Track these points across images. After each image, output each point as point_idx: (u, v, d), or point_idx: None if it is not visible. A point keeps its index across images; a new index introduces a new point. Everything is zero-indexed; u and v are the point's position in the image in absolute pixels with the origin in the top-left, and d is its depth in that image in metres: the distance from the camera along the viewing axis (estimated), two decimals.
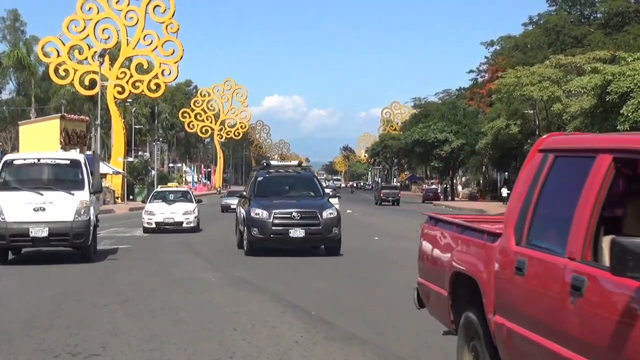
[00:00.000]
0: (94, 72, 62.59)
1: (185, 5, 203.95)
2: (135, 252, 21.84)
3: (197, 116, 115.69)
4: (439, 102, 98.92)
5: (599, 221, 4.77)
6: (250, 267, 17.81)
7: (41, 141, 44.22)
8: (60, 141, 47.52)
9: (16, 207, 17.94)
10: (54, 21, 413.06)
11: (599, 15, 71.05)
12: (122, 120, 72.05)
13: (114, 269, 17.50)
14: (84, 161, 19.58)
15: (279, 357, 8.53)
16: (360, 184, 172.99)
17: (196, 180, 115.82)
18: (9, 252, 19.07)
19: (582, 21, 71.74)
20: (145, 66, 68.04)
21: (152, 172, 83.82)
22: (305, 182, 22.57)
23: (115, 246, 23.49)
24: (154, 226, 30.42)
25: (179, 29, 65.25)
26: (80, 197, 18.38)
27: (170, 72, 66.71)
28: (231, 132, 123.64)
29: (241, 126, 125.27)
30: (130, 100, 77.79)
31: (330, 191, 27.15)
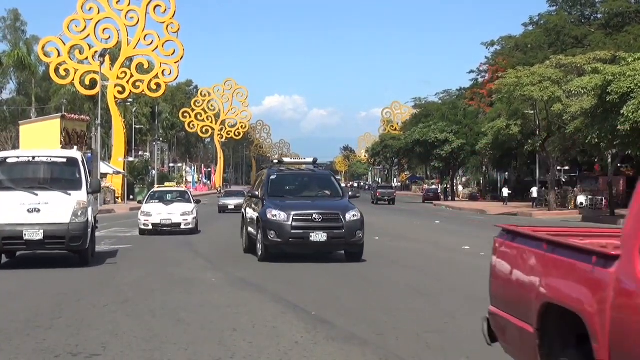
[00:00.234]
0: (95, 72, 62.72)
1: (185, 5, 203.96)
2: (135, 252, 21.82)
3: (198, 116, 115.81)
4: (440, 102, 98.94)
5: None
6: (250, 268, 17.78)
7: (41, 141, 44.17)
8: (60, 141, 47.51)
9: (9, 208, 16.92)
10: (55, 21, 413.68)
11: (600, 15, 71.01)
12: (123, 120, 72.13)
13: (114, 269, 17.48)
14: (82, 159, 18.42)
15: (280, 357, 8.52)
16: (360, 183, 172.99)
17: (196, 180, 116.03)
18: (2, 255, 17.91)
19: (583, 21, 71.71)
20: (145, 66, 68.11)
21: (153, 172, 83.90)
22: (322, 181, 20.77)
23: (115, 246, 23.50)
24: (150, 228, 29.15)
25: (179, 29, 65.40)
26: (77, 198, 17.33)
27: (170, 72, 66.77)
28: (231, 132, 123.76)
29: (241, 126, 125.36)
30: (130, 100, 77.83)
31: (350, 192, 24.55)
